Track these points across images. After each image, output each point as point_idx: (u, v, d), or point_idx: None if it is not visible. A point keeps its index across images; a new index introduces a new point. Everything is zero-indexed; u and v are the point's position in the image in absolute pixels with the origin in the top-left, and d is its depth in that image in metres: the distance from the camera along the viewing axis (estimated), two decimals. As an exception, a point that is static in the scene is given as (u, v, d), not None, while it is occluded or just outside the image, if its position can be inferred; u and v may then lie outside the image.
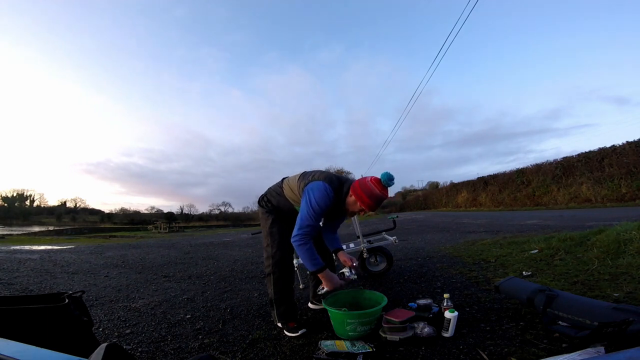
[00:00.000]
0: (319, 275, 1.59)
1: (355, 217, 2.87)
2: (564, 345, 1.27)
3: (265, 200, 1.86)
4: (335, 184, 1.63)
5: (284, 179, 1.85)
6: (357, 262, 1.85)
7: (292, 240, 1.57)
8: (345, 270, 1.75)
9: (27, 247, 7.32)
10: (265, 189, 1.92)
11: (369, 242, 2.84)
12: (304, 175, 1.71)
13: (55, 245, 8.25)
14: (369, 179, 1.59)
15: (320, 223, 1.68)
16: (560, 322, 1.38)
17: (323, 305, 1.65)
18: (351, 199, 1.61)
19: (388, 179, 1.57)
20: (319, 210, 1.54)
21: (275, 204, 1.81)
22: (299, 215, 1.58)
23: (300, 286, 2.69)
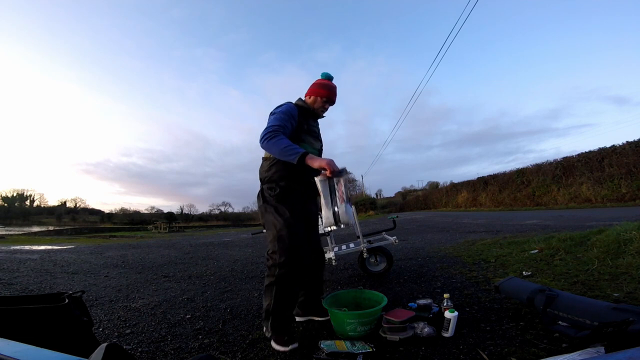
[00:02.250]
0: (307, 161, 1.42)
1: (355, 217, 2.87)
2: (564, 345, 1.27)
3: (263, 189, 1.66)
4: (293, 102, 1.74)
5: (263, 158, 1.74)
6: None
7: (259, 140, 1.47)
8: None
9: (27, 247, 7.32)
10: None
11: (369, 242, 2.84)
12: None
13: (55, 245, 8.25)
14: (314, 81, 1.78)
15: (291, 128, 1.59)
16: (560, 322, 1.38)
17: (323, 305, 1.65)
18: (310, 99, 1.75)
19: (327, 74, 1.78)
20: (285, 112, 1.57)
21: (282, 183, 1.60)
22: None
23: None
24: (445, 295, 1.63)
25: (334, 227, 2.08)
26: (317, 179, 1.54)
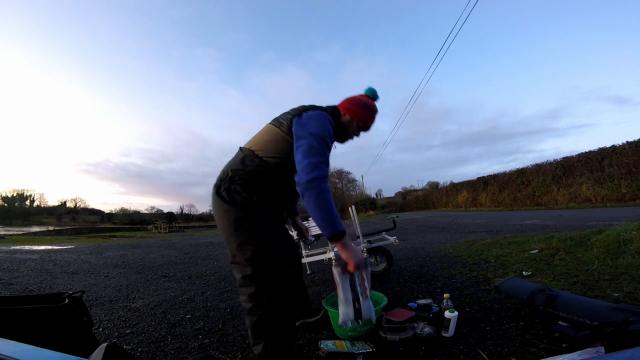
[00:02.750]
0: (338, 243, 1.09)
1: (355, 217, 2.87)
2: (564, 345, 1.27)
3: (235, 188, 1.20)
4: (327, 111, 1.32)
5: (240, 148, 1.35)
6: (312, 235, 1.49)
7: (308, 182, 1.04)
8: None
9: (27, 247, 7.32)
10: (219, 174, 1.29)
11: (369, 242, 2.84)
12: (276, 118, 1.30)
13: (55, 245, 8.25)
14: (355, 95, 1.41)
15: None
16: (560, 322, 1.38)
17: (323, 306, 1.65)
18: (345, 117, 1.36)
19: (374, 91, 1.41)
20: (326, 138, 1.15)
21: (257, 194, 1.21)
22: (299, 152, 1.11)
23: None
24: (445, 295, 1.63)
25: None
26: (334, 270, 1.19)
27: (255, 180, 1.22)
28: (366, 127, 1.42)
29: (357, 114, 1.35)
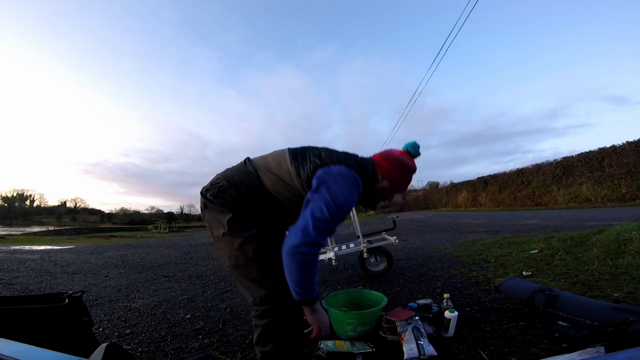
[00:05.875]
0: (308, 307, 1.01)
1: (355, 216, 2.87)
2: (564, 345, 1.27)
3: (226, 191, 1.10)
4: (359, 171, 1.13)
5: (247, 159, 1.20)
6: None
7: (295, 247, 0.92)
8: None
9: (27, 247, 7.32)
10: (214, 177, 1.19)
11: (369, 242, 2.84)
12: (296, 156, 1.12)
13: (55, 245, 8.25)
14: (396, 152, 1.21)
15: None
16: (560, 322, 1.38)
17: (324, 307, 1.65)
18: (382, 183, 1.18)
19: (417, 148, 1.23)
20: (345, 208, 1.01)
21: (249, 202, 1.11)
22: (307, 211, 0.97)
23: None
24: (445, 295, 1.63)
25: None
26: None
27: (248, 198, 1.12)
28: (401, 191, 1.24)
29: (396, 179, 1.18)
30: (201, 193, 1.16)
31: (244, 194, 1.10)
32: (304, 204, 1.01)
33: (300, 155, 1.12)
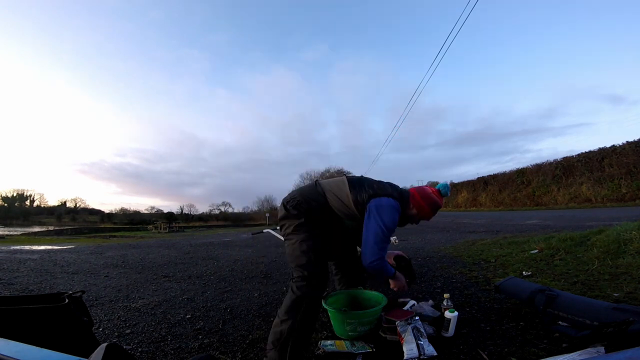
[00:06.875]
0: (392, 279, 1.55)
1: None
2: (564, 345, 1.27)
3: (301, 204, 1.50)
4: (399, 199, 1.52)
5: (317, 182, 1.62)
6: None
7: (371, 263, 1.38)
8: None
9: (27, 247, 7.32)
10: (291, 192, 1.62)
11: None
12: (354, 184, 1.53)
13: (55, 245, 8.25)
14: (430, 190, 1.59)
15: None
16: (560, 322, 1.38)
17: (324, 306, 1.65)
18: (412, 211, 1.57)
19: (447, 190, 1.60)
20: (392, 229, 1.44)
21: (317, 213, 1.51)
22: (369, 234, 1.41)
23: None
24: (446, 295, 1.63)
25: None
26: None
27: (315, 210, 1.51)
28: (426, 219, 1.62)
29: (424, 212, 1.57)
30: (283, 204, 1.55)
31: (314, 208, 1.51)
32: (365, 224, 1.44)
33: (357, 184, 1.53)
